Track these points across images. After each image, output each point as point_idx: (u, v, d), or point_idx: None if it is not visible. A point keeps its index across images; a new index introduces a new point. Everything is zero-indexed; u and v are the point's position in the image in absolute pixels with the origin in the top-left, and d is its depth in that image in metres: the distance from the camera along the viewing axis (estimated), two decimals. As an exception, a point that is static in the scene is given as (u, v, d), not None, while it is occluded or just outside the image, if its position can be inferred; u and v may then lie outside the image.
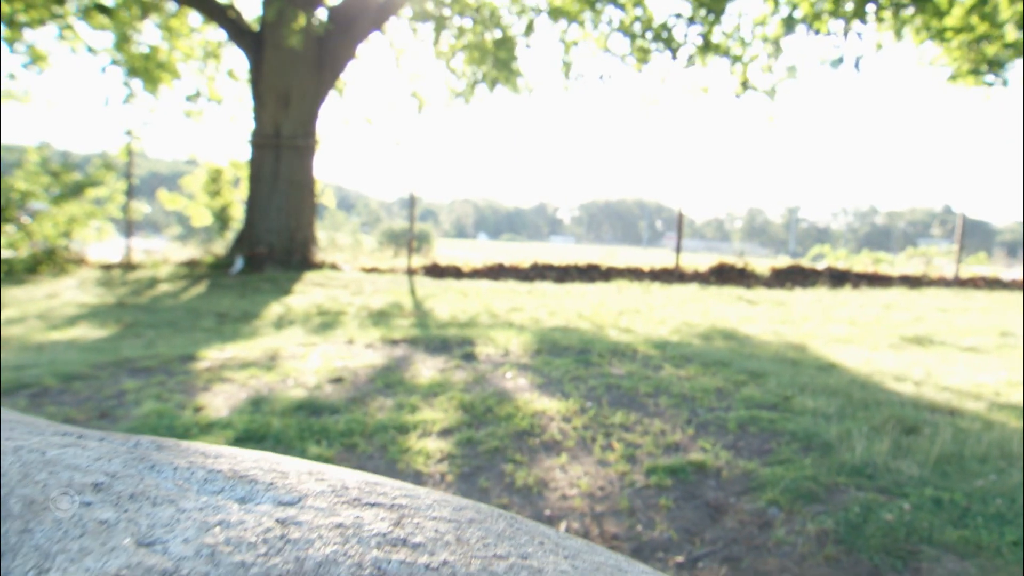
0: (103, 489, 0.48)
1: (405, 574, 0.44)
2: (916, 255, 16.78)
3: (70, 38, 11.51)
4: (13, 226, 11.06)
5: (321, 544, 0.45)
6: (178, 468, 0.53)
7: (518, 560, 0.48)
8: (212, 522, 0.46)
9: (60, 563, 0.41)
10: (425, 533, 0.49)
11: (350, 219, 38.40)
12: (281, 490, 0.52)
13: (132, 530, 0.44)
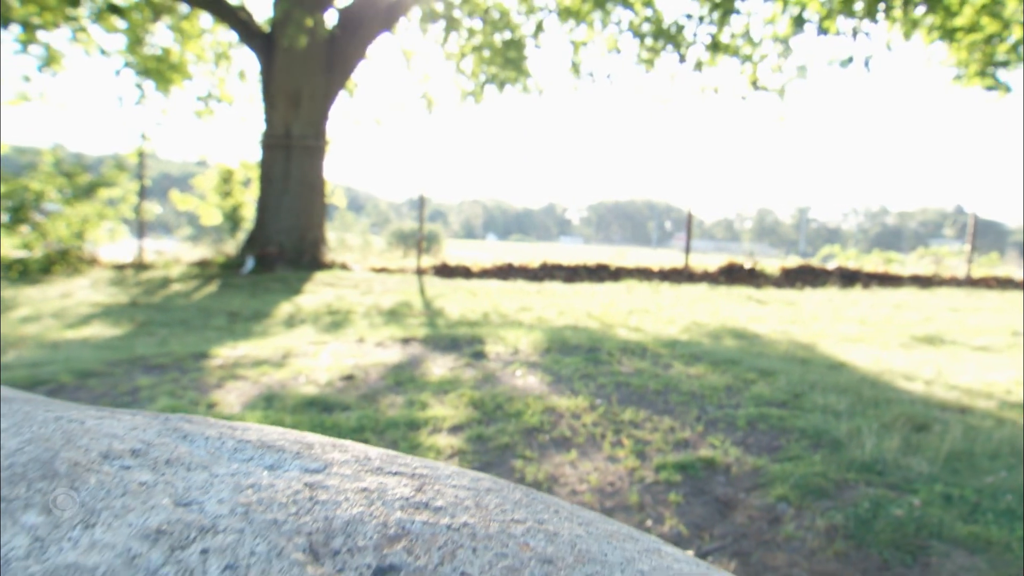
0: (140, 455, 0.51)
1: (428, 533, 0.46)
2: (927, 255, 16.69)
3: (83, 40, 11.63)
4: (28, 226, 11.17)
5: (348, 505, 0.48)
6: (209, 438, 0.55)
7: (534, 524, 0.50)
8: (244, 485, 0.49)
9: (105, 518, 0.43)
10: (445, 498, 0.51)
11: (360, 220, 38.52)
12: (307, 459, 0.55)
13: (169, 491, 0.47)
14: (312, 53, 11.47)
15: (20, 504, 0.43)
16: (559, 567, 0.46)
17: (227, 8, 11.58)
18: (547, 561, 0.46)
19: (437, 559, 0.44)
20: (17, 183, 11.08)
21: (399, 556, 0.44)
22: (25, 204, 11.16)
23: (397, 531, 0.46)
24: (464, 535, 0.47)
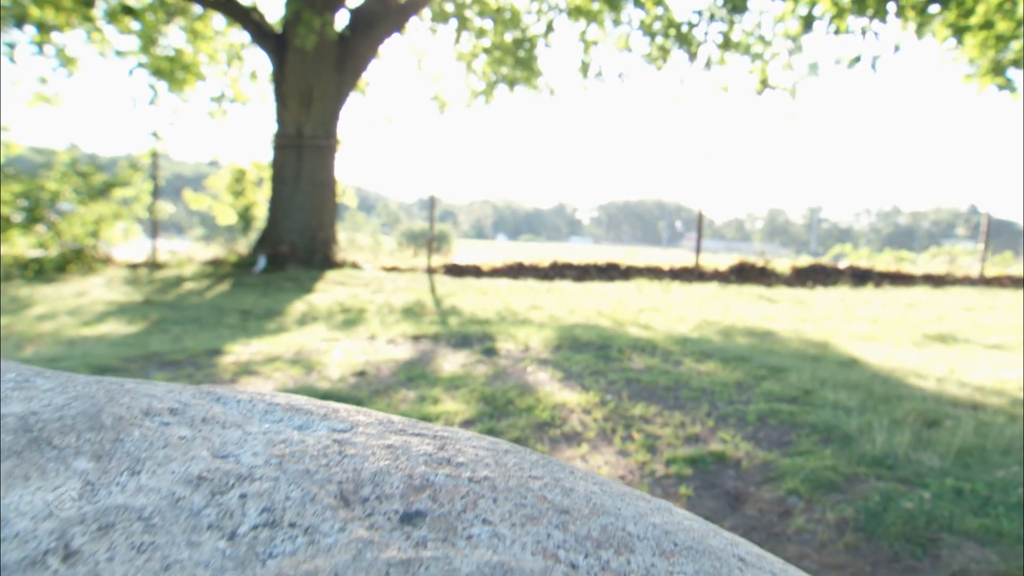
0: (178, 413, 0.54)
1: (451, 485, 0.49)
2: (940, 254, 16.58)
3: (98, 41, 11.74)
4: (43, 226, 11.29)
5: (375, 459, 0.50)
6: (240, 401, 0.58)
7: (551, 480, 0.53)
8: (276, 440, 0.52)
9: (149, 466, 0.46)
10: (466, 456, 0.53)
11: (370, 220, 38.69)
12: (334, 420, 0.57)
13: (207, 445, 0.50)
14: (324, 53, 11.54)
15: (71, 451, 0.46)
16: (575, 517, 0.48)
17: (240, 9, 11.66)
18: (564, 512, 0.49)
19: (460, 507, 0.46)
20: (33, 183, 11.21)
21: (424, 503, 0.46)
22: (41, 204, 11.28)
23: (421, 482, 0.48)
24: (485, 487, 0.49)
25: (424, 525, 0.44)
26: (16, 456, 0.44)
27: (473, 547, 0.43)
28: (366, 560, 0.40)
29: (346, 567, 0.39)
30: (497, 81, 13.81)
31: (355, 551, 0.40)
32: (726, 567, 0.47)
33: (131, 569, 0.38)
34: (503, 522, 0.46)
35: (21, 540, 0.39)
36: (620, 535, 0.48)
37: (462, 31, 12.83)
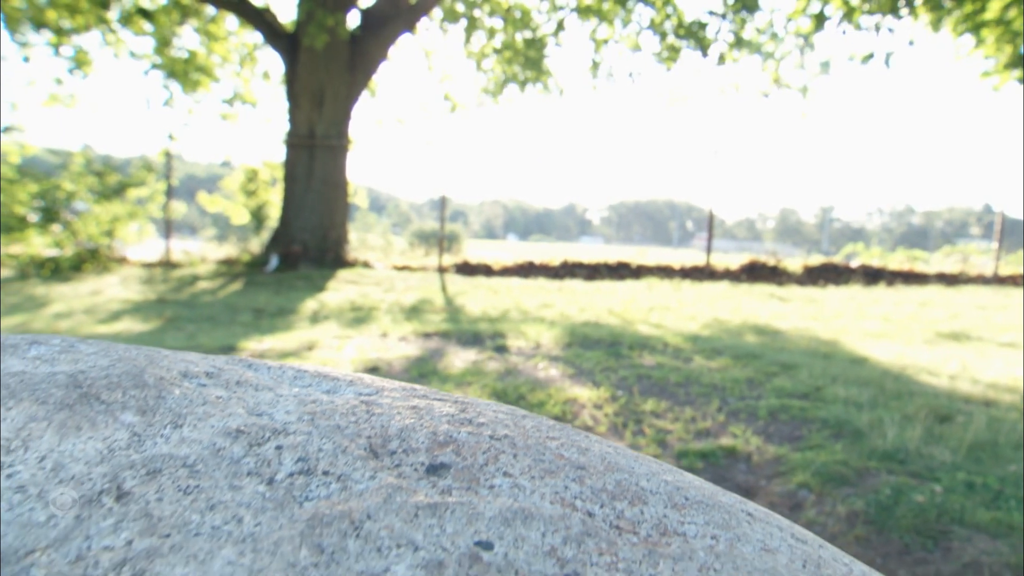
0: (213, 376, 0.57)
1: (473, 441, 0.51)
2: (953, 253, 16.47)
3: (113, 43, 11.87)
4: (59, 225, 11.42)
5: (400, 418, 0.53)
6: (271, 368, 0.61)
7: (568, 441, 0.55)
8: (307, 400, 0.55)
9: (190, 421, 0.49)
10: (487, 417, 0.56)
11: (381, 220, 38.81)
12: (360, 386, 0.60)
13: (242, 404, 0.53)
14: (335, 53, 11.60)
15: (118, 406, 0.49)
16: (590, 472, 0.51)
17: (252, 10, 11.75)
18: (580, 468, 0.51)
19: (482, 460, 0.49)
20: (49, 183, 11.34)
21: (448, 457, 0.49)
22: (57, 204, 11.41)
23: (445, 438, 0.51)
24: (505, 444, 0.52)
25: (448, 475, 0.47)
26: (68, 409, 0.47)
27: (495, 495, 0.46)
28: (396, 503, 0.43)
29: (378, 508, 0.42)
30: (507, 81, 13.84)
31: (385, 495, 0.43)
32: (735, 519, 0.50)
33: (179, 508, 0.41)
34: (523, 475, 0.49)
35: (77, 482, 0.42)
36: (634, 489, 0.50)
37: (472, 31, 12.86)
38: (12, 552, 0.37)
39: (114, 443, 0.45)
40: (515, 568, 0.40)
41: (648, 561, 0.43)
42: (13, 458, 0.43)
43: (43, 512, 0.40)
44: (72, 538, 0.38)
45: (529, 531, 0.43)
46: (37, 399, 0.48)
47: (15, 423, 0.46)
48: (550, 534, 0.43)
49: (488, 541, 0.42)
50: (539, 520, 0.44)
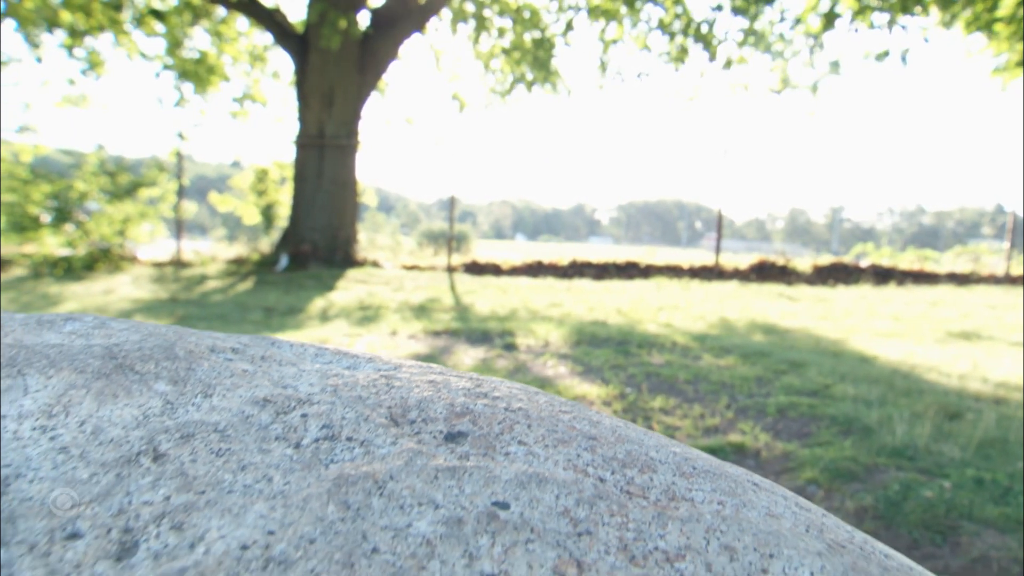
0: (239, 351, 0.59)
1: (489, 412, 0.53)
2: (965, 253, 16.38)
3: (125, 44, 11.97)
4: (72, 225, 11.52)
5: (419, 391, 0.55)
6: (293, 345, 0.64)
7: (579, 415, 0.57)
8: (329, 374, 0.57)
9: (219, 391, 0.51)
10: (501, 392, 0.58)
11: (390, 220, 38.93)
12: (379, 362, 0.62)
13: (268, 377, 0.55)
14: (345, 53, 11.66)
15: (152, 376, 0.51)
16: (601, 443, 0.53)
17: (263, 11, 11.83)
18: (591, 438, 0.53)
19: (498, 430, 0.51)
20: (62, 183, 11.45)
21: (465, 426, 0.51)
22: (70, 204, 11.52)
23: (462, 409, 0.53)
24: (519, 415, 0.54)
25: (466, 443, 0.49)
26: (105, 378, 0.50)
27: (511, 461, 0.48)
28: (417, 466, 0.45)
29: (400, 470, 0.44)
30: (516, 81, 13.86)
31: (407, 459, 0.45)
32: (740, 488, 0.52)
33: (212, 468, 0.43)
34: (537, 444, 0.51)
35: (116, 444, 0.44)
36: (643, 458, 0.52)
37: (481, 31, 12.89)
38: (59, 505, 0.40)
39: (149, 410, 0.48)
40: (531, 526, 0.42)
41: (657, 522, 0.45)
42: (56, 422, 0.46)
43: (86, 470, 0.42)
44: (114, 494, 0.41)
45: (543, 493, 0.45)
46: (76, 368, 0.50)
47: (56, 390, 0.48)
48: (563, 496, 0.45)
49: (504, 502, 0.44)
50: (553, 484, 0.46)
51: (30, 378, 0.49)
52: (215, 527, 0.39)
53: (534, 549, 0.41)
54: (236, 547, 0.38)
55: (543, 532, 0.42)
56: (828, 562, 0.46)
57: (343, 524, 0.40)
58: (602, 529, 0.44)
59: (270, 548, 0.38)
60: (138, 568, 0.37)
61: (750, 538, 0.46)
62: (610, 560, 0.42)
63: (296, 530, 0.39)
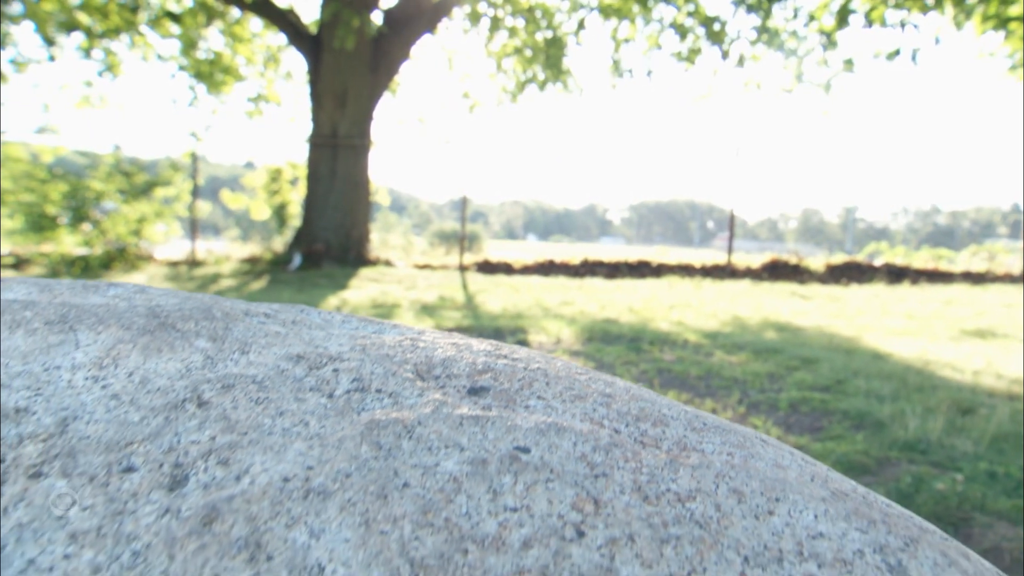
0: (271, 316, 0.62)
1: (509, 370, 0.56)
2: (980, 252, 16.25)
3: (141, 46, 12.10)
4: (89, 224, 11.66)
5: (442, 351, 0.58)
6: (321, 312, 0.67)
7: (595, 377, 0.60)
8: (357, 336, 0.60)
9: (255, 349, 0.54)
10: (520, 355, 0.61)
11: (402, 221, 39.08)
12: (403, 328, 0.65)
13: (299, 337, 0.58)
14: (358, 54, 11.73)
15: (192, 334, 0.54)
16: (616, 400, 0.56)
17: (277, 11, 11.92)
18: (607, 396, 0.56)
19: (518, 386, 0.54)
20: (79, 183, 11.59)
21: (487, 381, 0.54)
22: (86, 203, 11.66)
23: (484, 367, 0.56)
24: (538, 374, 0.57)
25: (488, 396, 0.52)
26: (150, 334, 0.53)
27: (530, 413, 0.51)
28: (442, 414, 0.48)
29: (427, 417, 0.47)
30: (528, 80, 13.89)
31: (433, 407, 0.48)
32: (749, 442, 0.54)
33: (252, 414, 0.46)
34: (555, 399, 0.54)
35: (163, 392, 0.47)
36: (656, 414, 0.55)
37: (494, 30, 12.93)
38: (114, 443, 0.43)
39: (191, 363, 0.51)
40: (550, 468, 0.45)
41: (669, 468, 0.48)
42: (106, 372, 0.49)
43: (136, 414, 0.45)
44: (164, 434, 0.44)
45: (562, 440, 0.48)
46: (122, 325, 0.54)
47: (105, 344, 0.51)
48: (580, 444, 0.48)
49: (525, 446, 0.47)
50: (570, 432, 0.49)
51: (80, 333, 0.52)
52: (258, 462, 0.42)
53: (554, 488, 0.44)
54: (278, 479, 0.41)
55: (562, 473, 0.45)
56: (832, 507, 0.48)
57: (376, 462, 0.43)
58: (617, 472, 0.46)
59: (309, 480, 0.41)
60: (189, 496, 0.40)
61: (758, 483, 0.48)
62: (625, 499, 0.44)
63: (333, 466, 0.42)
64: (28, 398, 0.46)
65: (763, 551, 0.43)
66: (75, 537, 0.38)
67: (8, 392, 0.46)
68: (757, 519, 0.45)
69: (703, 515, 0.44)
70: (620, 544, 0.41)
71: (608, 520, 0.42)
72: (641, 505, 0.44)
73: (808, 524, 0.46)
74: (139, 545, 0.37)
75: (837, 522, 0.47)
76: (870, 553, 0.45)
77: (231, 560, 0.36)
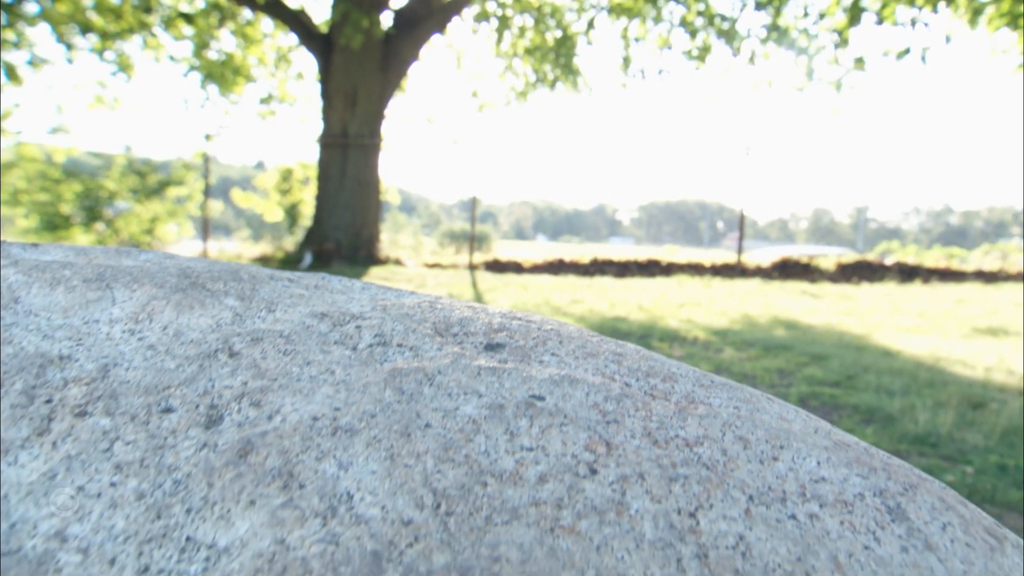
0: (294, 281, 0.65)
1: (524, 329, 0.58)
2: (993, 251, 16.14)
3: (154, 47, 12.20)
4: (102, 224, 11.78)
5: (459, 312, 0.61)
6: (342, 280, 0.69)
7: (606, 339, 0.62)
8: (378, 299, 0.62)
9: (281, 307, 0.57)
10: (533, 319, 0.63)
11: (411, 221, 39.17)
12: (420, 295, 0.68)
13: (322, 299, 0.61)
14: (368, 54, 11.79)
15: (221, 293, 0.57)
16: (627, 358, 0.58)
17: (288, 12, 11.99)
18: (618, 354, 0.58)
19: (532, 343, 0.56)
20: (93, 183, 11.71)
21: (503, 339, 0.56)
22: (100, 203, 11.78)
23: (499, 326, 0.58)
24: (551, 334, 0.59)
25: (504, 352, 0.54)
26: (182, 292, 0.56)
27: (544, 367, 0.53)
28: (461, 364, 0.50)
29: (446, 367, 0.49)
30: (537, 81, 13.91)
31: (452, 359, 0.51)
32: (755, 398, 0.56)
33: (281, 363, 0.49)
34: (568, 355, 0.56)
35: (196, 343, 0.50)
36: (665, 371, 0.57)
37: (504, 30, 12.96)
38: (152, 387, 0.46)
39: (221, 319, 0.54)
40: (564, 413, 0.47)
41: (678, 417, 0.50)
42: (142, 326, 0.52)
43: (172, 362, 0.48)
44: (198, 380, 0.47)
45: (575, 391, 0.50)
46: (156, 284, 0.56)
47: (140, 301, 0.54)
48: (593, 394, 0.50)
49: (540, 395, 0.49)
50: (583, 384, 0.51)
51: (117, 291, 0.55)
52: (288, 403, 0.44)
53: (568, 431, 0.46)
54: (308, 418, 0.43)
55: (575, 419, 0.47)
56: (834, 455, 0.50)
57: (399, 405, 0.45)
58: (628, 420, 0.49)
59: (337, 420, 0.43)
60: (225, 433, 0.42)
61: (763, 432, 0.50)
62: (635, 443, 0.47)
63: (359, 408, 0.44)
64: (70, 347, 0.48)
65: (767, 491, 0.45)
66: (120, 468, 0.40)
67: (51, 342, 0.49)
68: (762, 463, 0.47)
69: (710, 458, 0.47)
70: (631, 481, 0.43)
71: (619, 460, 0.45)
72: (651, 448, 0.46)
73: (811, 469, 0.48)
74: (180, 475, 0.40)
75: (839, 468, 0.49)
76: (870, 496, 0.47)
77: (266, 487, 0.39)
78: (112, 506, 0.38)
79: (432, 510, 0.39)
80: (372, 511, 0.38)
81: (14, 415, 0.42)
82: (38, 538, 0.36)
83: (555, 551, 0.38)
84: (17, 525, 0.37)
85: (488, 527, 0.38)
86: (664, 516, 0.41)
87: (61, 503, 0.39)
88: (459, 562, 0.36)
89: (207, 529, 0.37)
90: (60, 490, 0.39)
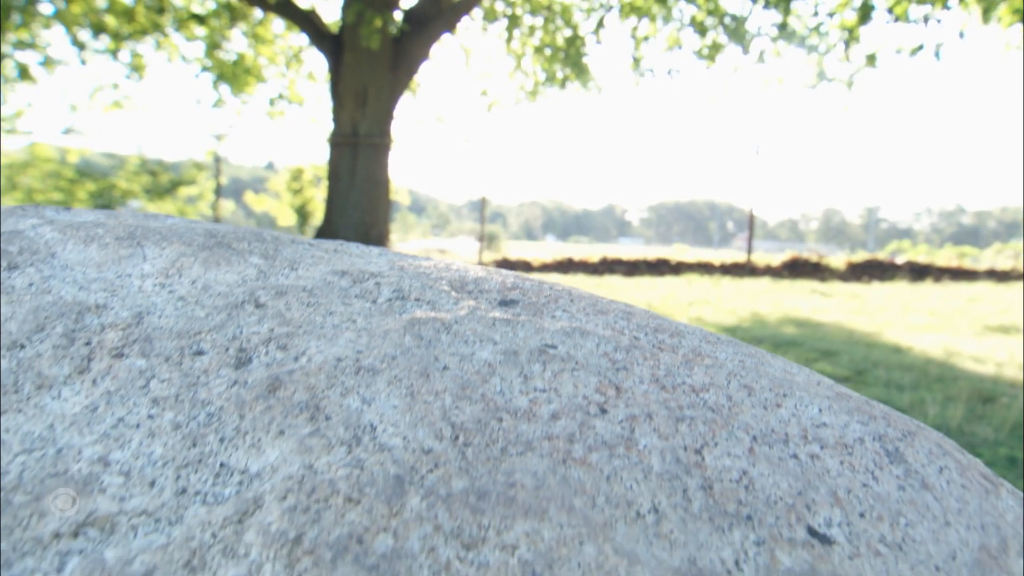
0: (315, 246, 0.67)
1: (536, 289, 0.61)
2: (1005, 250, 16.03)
3: (166, 48, 12.31)
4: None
5: (474, 273, 0.63)
6: (359, 246, 0.72)
7: (616, 301, 0.64)
8: (395, 260, 0.65)
9: (303, 265, 0.59)
10: (546, 281, 0.66)
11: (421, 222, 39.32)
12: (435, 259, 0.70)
13: (341, 261, 0.63)
14: (379, 53, 11.83)
15: (246, 252, 0.60)
16: (636, 316, 0.60)
17: (299, 12, 12.06)
18: (627, 312, 0.60)
19: (544, 300, 0.58)
20: (106, 182, 11.82)
21: (516, 296, 0.58)
22: (112, 202, 11.88)
23: (512, 286, 0.61)
24: (562, 292, 0.61)
25: (518, 307, 0.57)
26: (208, 250, 0.58)
27: (556, 320, 0.55)
28: (477, 316, 0.52)
29: (463, 318, 0.52)
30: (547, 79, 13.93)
31: (468, 311, 0.53)
32: (760, 353, 0.58)
33: (305, 313, 0.51)
34: (579, 312, 0.58)
35: (223, 295, 0.52)
36: (672, 328, 0.59)
37: (513, 29, 12.99)
38: (184, 332, 0.48)
39: (246, 275, 0.56)
40: (575, 360, 0.49)
41: (685, 367, 0.52)
42: (172, 280, 0.54)
43: (202, 311, 0.50)
44: (227, 326, 0.49)
45: (586, 341, 0.52)
46: (184, 242, 0.59)
47: (169, 257, 0.57)
48: (603, 344, 0.52)
49: (552, 344, 0.51)
50: (594, 335, 0.53)
51: (147, 248, 0.57)
52: (313, 346, 0.47)
53: (579, 375, 0.48)
54: (332, 359, 0.46)
55: (586, 365, 0.49)
56: (835, 403, 0.52)
57: (418, 349, 0.47)
58: (637, 367, 0.51)
59: (359, 361, 0.46)
60: (254, 372, 0.45)
61: (767, 381, 0.52)
62: (644, 387, 0.49)
63: (380, 351, 0.47)
64: (105, 298, 0.51)
65: (770, 433, 0.47)
66: (156, 402, 0.43)
67: (87, 292, 0.51)
68: (765, 409, 0.49)
69: (715, 403, 0.49)
70: (639, 420, 0.45)
71: (628, 402, 0.47)
72: (659, 392, 0.48)
73: (813, 416, 0.50)
74: (213, 408, 0.42)
75: (840, 415, 0.51)
76: (870, 440, 0.49)
77: (294, 419, 0.41)
78: (150, 435, 0.40)
79: (451, 441, 0.41)
80: (394, 440, 0.40)
81: (56, 355, 0.45)
82: (83, 462, 0.39)
83: (567, 479, 0.40)
84: (63, 450, 0.39)
85: (504, 457, 0.41)
86: (671, 452, 0.43)
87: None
88: (476, 487, 0.39)
89: (239, 456, 0.39)
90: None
